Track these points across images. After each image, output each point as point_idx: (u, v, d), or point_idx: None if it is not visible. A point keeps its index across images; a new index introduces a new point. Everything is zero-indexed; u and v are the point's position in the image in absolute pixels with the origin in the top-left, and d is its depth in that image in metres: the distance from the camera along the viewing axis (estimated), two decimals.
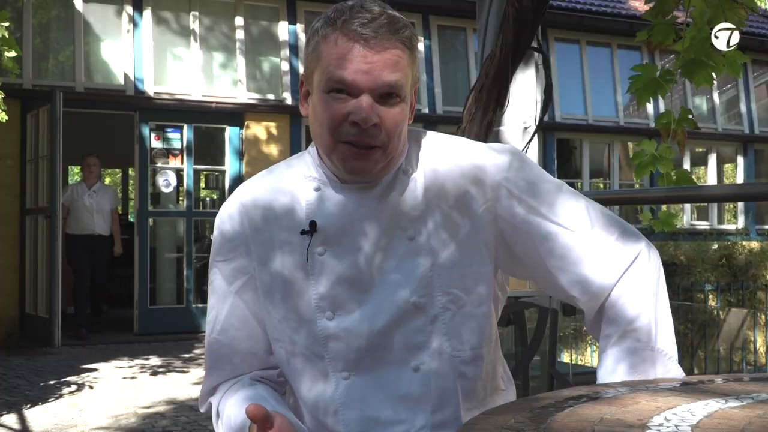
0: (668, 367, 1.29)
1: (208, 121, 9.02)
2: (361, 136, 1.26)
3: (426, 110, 9.81)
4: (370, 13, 1.25)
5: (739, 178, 12.47)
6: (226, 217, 1.40)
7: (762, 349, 9.40)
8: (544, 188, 1.34)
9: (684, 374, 1.30)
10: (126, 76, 8.56)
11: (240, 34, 9.08)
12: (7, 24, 5.64)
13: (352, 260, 1.32)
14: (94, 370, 6.58)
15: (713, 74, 3.25)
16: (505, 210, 1.33)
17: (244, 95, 9.02)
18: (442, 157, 1.36)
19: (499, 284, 1.41)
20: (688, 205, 11.62)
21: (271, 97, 9.17)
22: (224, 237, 1.40)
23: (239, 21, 9.10)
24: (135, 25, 8.63)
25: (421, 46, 9.87)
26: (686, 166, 11.49)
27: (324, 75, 1.27)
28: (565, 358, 7.70)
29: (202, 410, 1.51)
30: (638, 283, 1.31)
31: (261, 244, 1.37)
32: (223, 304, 1.41)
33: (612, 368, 1.28)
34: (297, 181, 1.38)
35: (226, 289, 1.40)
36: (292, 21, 9.33)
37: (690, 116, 3.36)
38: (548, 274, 1.34)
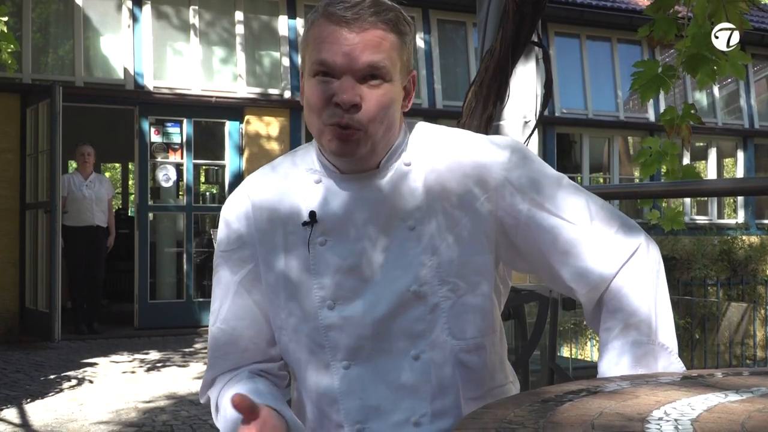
0: (670, 360, 1.29)
1: (208, 116, 9.02)
2: (344, 117, 1.27)
3: (426, 105, 9.80)
4: None
5: (739, 173, 12.48)
6: (233, 210, 1.41)
7: (762, 344, 9.41)
8: (544, 182, 1.35)
9: (684, 368, 1.30)
10: (126, 71, 8.56)
11: (240, 29, 9.07)
12: (6, 19, 5.63)
13: (352, 250, 1.34)
14: (95, 364, 6.59)
15: (715, 69, 3.24)
16: (506, 203, 1.34)
17: (244, 90, 9.01)
18: (444, 149, 1.37)
19: (501, 277, 1.41)
20: (688, 200, 11.63)
21: (271, 91, 9.16)
22: (230, 228, 1.41)
23: (239, 16, 9.09)
24: (135, 19, 8.62)
25: (420, 41, 9.86)
26: (686, 161, 11.49)
27: (310, 59, 1.30)
28: (565, 352, 7.71)
29: (202, 401, 1.52)
30: (638, 275, 1.31)
31: (266, 236, 1.38)
32: (227, 294, 1.42)
33: (615, 361, 1.28)
34: (300, 175, 1.39)
35: (230, 280, 1.42)
36: (292, 15, 9.32)
37: (693, 111, 3.35)
38: (548, 266, 1.35)
